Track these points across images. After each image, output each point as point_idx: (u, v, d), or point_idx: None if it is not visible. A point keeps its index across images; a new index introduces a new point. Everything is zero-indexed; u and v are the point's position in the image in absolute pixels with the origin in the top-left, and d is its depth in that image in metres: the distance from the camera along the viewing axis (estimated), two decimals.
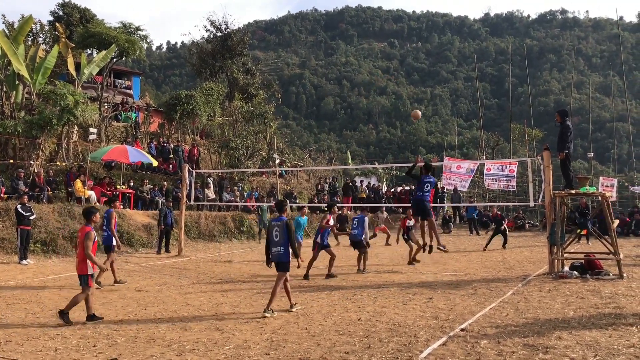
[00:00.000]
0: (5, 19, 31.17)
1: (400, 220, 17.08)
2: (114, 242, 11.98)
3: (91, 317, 8.21)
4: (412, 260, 15.28)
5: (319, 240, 13.20)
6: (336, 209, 14.30)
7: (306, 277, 12.71)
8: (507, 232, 20.35)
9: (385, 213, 25.16)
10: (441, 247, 11.99)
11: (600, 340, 6.74)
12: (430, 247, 12.36)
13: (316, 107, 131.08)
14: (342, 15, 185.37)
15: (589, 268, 12.31)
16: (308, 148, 47.89)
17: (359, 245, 13.88)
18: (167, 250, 18.61)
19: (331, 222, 13.69)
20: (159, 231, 18.68)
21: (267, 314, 8.54)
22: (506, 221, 21.02)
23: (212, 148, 30.59)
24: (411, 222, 15.45)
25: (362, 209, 16.14)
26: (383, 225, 23.68)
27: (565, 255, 13.13)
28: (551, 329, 7.33)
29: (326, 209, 14.50)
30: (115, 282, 11.94)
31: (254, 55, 58.15)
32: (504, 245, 19.51)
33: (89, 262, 8.29)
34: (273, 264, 9.02)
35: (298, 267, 8.93)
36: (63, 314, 8.11)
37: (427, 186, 11.93)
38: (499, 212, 22.05)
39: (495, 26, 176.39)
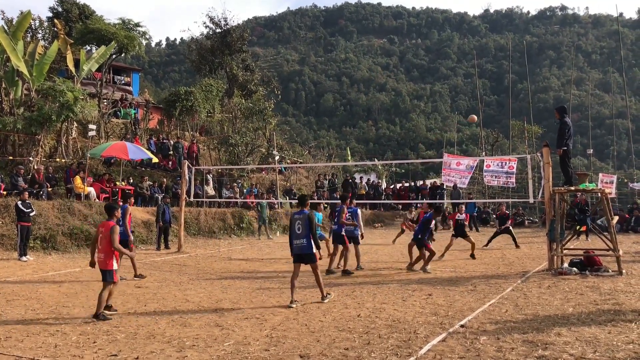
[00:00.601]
0: (4, 14, 31.17)
1: (450, 215, 17.05)
2: (130, 237, 12.17)
3: (98, 316, 8.08)
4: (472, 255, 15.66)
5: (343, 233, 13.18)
6: (349, 202, 14.10)
7: (330, 272, 12.84)
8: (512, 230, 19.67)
9: (414, 212, 23.83)
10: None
11: (599, 336, 6.75)
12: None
13: (315, 103, 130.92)
14: (341, 12, 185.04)
15: (588, 264, 12.33)
16: (307, 145, 47.85)
17: (341, 240, 13.25)
18: (167, 247, 18.61)
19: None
20: (157, 228, 18.68)
21: (325, 300, 9.22)
22: (510, 220, 20.09)
23: (211, 145, 30.58)
24: (462, 216, 15.99)
25: (343, 199, 15.02)
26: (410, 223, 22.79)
27: (565, 251, 13.15)
28: (550, 325, 7.35)
29: (340, 201, 14.28)
30: (136, 276, 12.20)
31: (253, 52, 58.12)
32: (516, 245, 18.44)
33: (114, 257, 8.29)
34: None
35: (320, 258, 9.02)
36: (98, 316, 8.03)
37: None
38: (507, 211, 21.13)
39: (494, 22, 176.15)
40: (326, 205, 28.38)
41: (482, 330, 7.21)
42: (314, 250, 9.13)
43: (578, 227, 16.29)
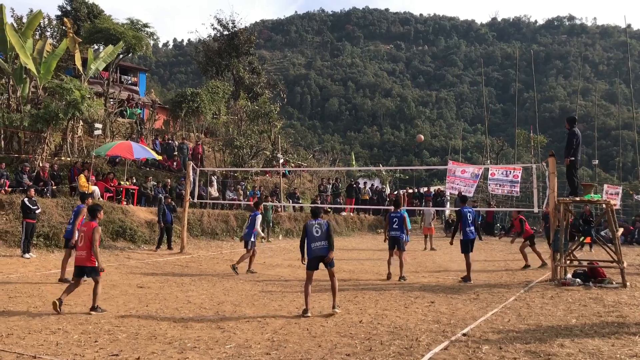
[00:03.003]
0: (13, 12, 31.26)
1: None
2: (74, 237, 11.18)
3: (95, 308, 8.50)
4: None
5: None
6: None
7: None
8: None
9: (432, 210, 23.13)
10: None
11: (602, 348, 6.71)
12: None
13: (321, 107, 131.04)
14: (348, 17, 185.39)
15: (592, 276, 12.28)
16: (312, 148, 47.92)
17: (246, 244, 13.97)
18: (170, 247, 18.51)
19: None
20: (159, 228, 18.62)
21: (337, 310, 8.88)
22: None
23: (216, 146, 30.62)
24: None
25: (256, 205, 14.82)
26: (432, 226, 22.23)
27: (568, 262, 13.10)
28: (553, 336, 7.31)
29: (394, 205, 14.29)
30: (60, 279, 11.51)
31: (260, 55, 58.24)
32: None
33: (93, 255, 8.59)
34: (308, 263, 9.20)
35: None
36: (94, 308, 8.48)
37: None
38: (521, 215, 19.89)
39: (502, 31, 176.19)
40: (329, 210, 28.37)
41: (484, 339, 7.18)
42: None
43: (582, 238, 16.19)
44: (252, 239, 13.90)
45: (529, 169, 23.12)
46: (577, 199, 12.98)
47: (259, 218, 13.98)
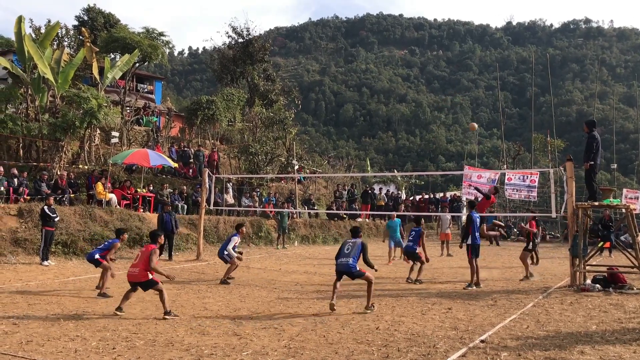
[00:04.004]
0: (32, 23, 31.75)
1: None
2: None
3: (168, 313, 8.88)
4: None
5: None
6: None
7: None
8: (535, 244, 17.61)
9: (449, 216, 22.57)
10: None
11: (624, 355, 6.60)
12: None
13: (335, 113, 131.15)
14: (362, 23, 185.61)
15: (612, 281, 12.11)
16: (327, 154, 47.90)
17: (224, 260, 13.79)
18: (170, 258, 17.66)
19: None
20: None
21: (368, 311, 9.44)
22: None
23: (231, 153, 30.76)
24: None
25: (237, 227, 14.65)
26: (448, 231, 21.83)
27: (587, 267, 12.94)
28: (573, 343, 7.21)
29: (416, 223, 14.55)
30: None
31: (274, 62, 58.44)
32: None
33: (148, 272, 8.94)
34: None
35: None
36: (167, 313, 8.85)
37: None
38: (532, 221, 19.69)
39: (517, 35, 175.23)
40: (344, 216, 28.33)
41: (502, 345, 7.10)
42: (358, 268, 9.65)
43: (601, 244, 15.98)
44: (226, 253, 13.56)
45: (546, 174, 22.91)
46: (596, 203, 12.82)
47: (234, 240, 13.67)
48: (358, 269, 9.64)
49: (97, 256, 11.18)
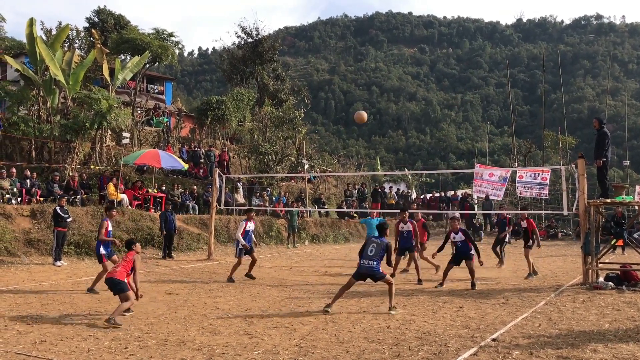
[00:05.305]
0: (43, 25, 31.96)
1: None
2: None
3: (109, 320, 8.25)
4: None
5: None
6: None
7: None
8: (506, 240, 17.32)
9: (457, 215, 22.10)
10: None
11: (637, 354, 6.56)
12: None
13: (345, 112, 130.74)
14: (372, 21, 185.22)
15: (625, 279, 12.02)
16: (337, 153, 47.86)
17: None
18: (170, 256, 17.82)
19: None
20: (162, 237, 18.09)
21: (392, 312, 9.22)
22: (510, 227, 17.40)
23: (242, 153, 30.83)
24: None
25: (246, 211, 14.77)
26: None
27: (600, 265, 12.84)
28: (586, 341, 7.16)
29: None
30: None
31: (284, 61, 58.50)
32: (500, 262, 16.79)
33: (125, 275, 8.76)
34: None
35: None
36: (109, 320, 8.19)
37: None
38: (508, 215, 18.48)
39: (527, 32, 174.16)
40: (355, 215, 28.30)
41: (514, 344, 7.07)
42: (380, 270, 9.46)
43: (614, 241, 15.87)
44: (237, 247, 13.52)
45: (557, 171, 22.77)
46: (608, 200, 12.72)
47: (241, 225, 13.49)
48: (381, 270, 9.44)
49: (102, 251, 11.35)
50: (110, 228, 11.59)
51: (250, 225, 13.65)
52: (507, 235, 17.30)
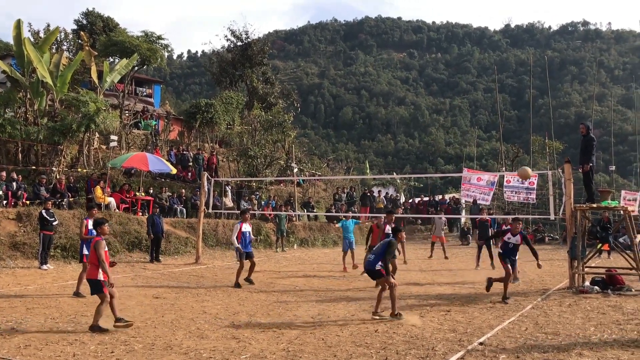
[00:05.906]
0: (30, 27, 31.76)
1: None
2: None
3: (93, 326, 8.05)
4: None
5: None
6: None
7: None
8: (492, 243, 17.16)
9: (443, 218, 22.26)
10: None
11: (622, 357, 6.62)
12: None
13: (334, 116, 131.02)
14: (361, 26, 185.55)
15: (610, 283, 12.12)
16: (326, 157, 47.87)
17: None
18: (157, 259, 17.73)
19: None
20: (149, 240, 18.00)
21: (398, 319, 8.92)
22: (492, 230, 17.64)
23: (230, 156, 30.75)
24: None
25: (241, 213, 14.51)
26: (442, 234, 21.58)
27: (586, 269, 12.94)
28: (572, 345, 7.22)
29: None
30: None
31: (273, 65, 58.57)
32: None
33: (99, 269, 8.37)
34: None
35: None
36: (94, 328, 7.98)
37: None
38: (488, 218, 18.63)
39: (515, 37, 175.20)
40: (344, 219, 28.27)
41: (501, 348, 7.11)
42: (377, 267, 9.22)
43: (600, 245, 16.00)
44: (237, 251, 13.42)
45: (545, 176, 22.94)
46: (595, 205, 12.83)
47: (236, 228, 13.32)
48: (377, 269, 9.19)
49: (84, 251, 11.16)
50: (90, 227, 11.45)
51: (246, 227, 13.46)
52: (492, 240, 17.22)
